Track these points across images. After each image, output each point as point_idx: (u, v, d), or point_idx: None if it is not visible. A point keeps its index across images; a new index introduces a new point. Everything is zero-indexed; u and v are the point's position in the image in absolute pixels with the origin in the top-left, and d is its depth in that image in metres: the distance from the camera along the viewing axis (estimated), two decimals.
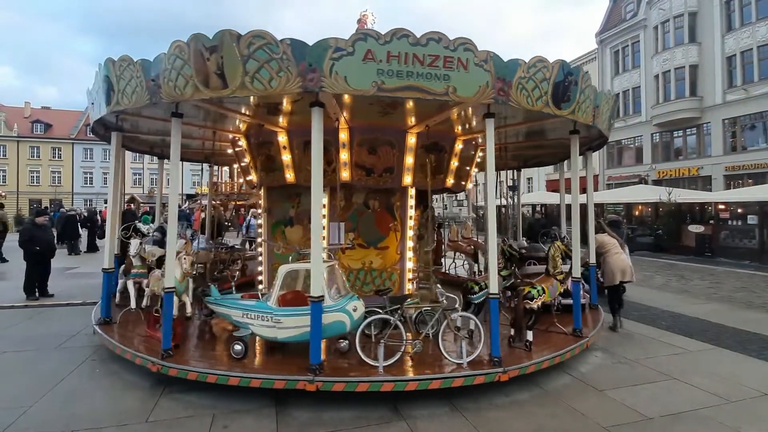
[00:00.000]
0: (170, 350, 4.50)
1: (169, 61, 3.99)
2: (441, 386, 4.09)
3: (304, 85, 3.77)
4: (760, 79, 20.73)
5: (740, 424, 3.77)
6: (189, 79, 3.95)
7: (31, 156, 47.99)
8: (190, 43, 3.85)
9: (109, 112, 4.80)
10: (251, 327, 4.59)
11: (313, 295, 4.10)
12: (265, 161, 6.48)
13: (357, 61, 3.76)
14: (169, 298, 4.55)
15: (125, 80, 4.39)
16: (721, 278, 11.60)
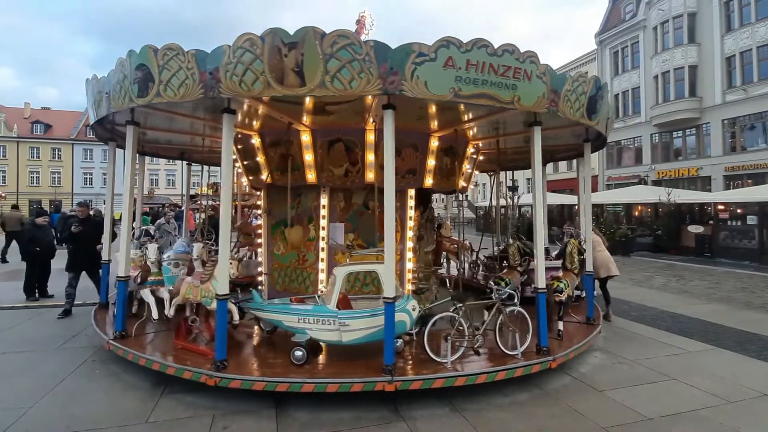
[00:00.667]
0: (225, 361, 4.23)
1: (235, 54, 3.80)
2: (505, 377, 4.35)
3: (384, 88, 3.83)
4: (760, 79, 20.75)
5: (740, 424, 3.77)
6: (260, 75, 3.81)
7: (31, 156, 48.00)
8: (266, 37, 3.75)
9: (144, 103, 4.31)
10: (309, 332, 4.50)
11: (387, 296, 4.17)
12: (281, 160, 6.24)
13: (438, 67, 3.88)
14: (222, 306, 4.29)
15: (170, 71, 4.03)
16: (721, 279, 11.61)
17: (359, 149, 5.89)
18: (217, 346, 4.25)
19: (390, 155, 4.17)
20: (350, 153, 5.92)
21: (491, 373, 4.31)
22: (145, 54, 4.16)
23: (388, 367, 4.13)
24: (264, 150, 6.41)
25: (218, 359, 4.21)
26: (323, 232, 6.32)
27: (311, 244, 6.46)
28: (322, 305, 4.63)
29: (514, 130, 6.17)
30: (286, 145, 6.12)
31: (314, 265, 6.38)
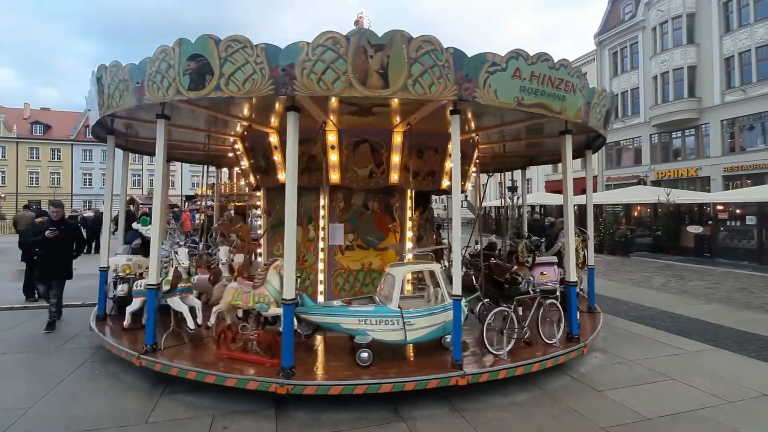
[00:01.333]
0: (293, 368, 4.09)
1: (314, 52, 3.75)
2: (553, 364, 4.72)
3: (459, 94, 3.99)
4: (759, 79, 20.78)
5: (739, 424, 3.78)
6: (341, 74, 3.79)
7: (31, 157, 48.00)
8: (351, 37, 3.75)
9: (196, 96, 4.06)
10: (371, 333, 4.46)
11: (456, 293, 4.36)
12: (300, 160, 6.18)
13: (507, 77, 4.12)
14: (289, 310, 4.15)
15: (234, 64, 3.85)
16: (720, 279, 11.62)
17: (385, 150, 5.99)
18: (285, 353, 4.09)
19: (456, 159, 4.45)
20: (376, 154, 5.98)
21: (543, 361, 4.64)
22: (203, 44, 3.90)
23: (458, 362, 4.30)
24: (282, 149, 6.07)
25: (286, 366, 4.07)
26: (323, 232, 6.32)
27: (311, 245, 6.46)
28: (384, 305, 4.64)
29: (517, 136, 6.35)
30: (306, 145, 5.82)
31: (314, 266, 6.38)
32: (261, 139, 6.32)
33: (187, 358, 4.57)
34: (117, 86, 4.63)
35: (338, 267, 6.42)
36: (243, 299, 4.83)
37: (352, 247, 6.45)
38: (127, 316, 5.46)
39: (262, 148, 6.41)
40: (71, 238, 6.52)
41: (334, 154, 5.94)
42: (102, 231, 7.53)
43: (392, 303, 4.58)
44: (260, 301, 4.71)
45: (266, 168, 6.55)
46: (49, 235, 6.05)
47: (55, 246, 6.16)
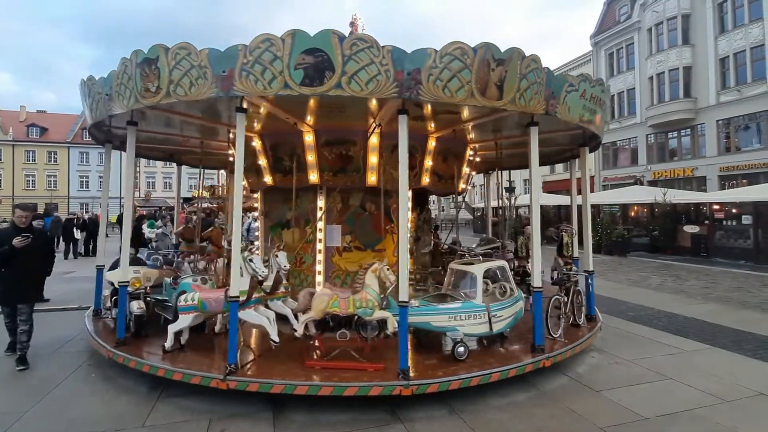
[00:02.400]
0: (408, 370, 4.09)
1: (441, 59, 3.87)
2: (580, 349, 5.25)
3: (546, 108, 4.50)
4: (753, 80, 20.92)
5: (736, 423, 3.78)
6: (465, 84, 3.96)
7: (27, 160, 47.80)
8: (479, 49, 3.96)
9: (311, 93, 3.90)
10: (461, 328, 4.67)
11: (536, 286, 4.90)
12: (335, 161, 6.03)
13: (577, 96, 4.80)
14: (404, 312, 4.16)
15: (359, 63, 3.78)
16: (717, 278, 11.67)
17: (419, 154, 6.30)
18: (402, 354, 4.10)
19: (535, 170, 4.93)
20: (411, 158, 5.93)
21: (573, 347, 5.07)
22: (325, 39, 3.77)
23: (540, 346, 4.75)
24: (317, 149, 6.00)
25: (404, 368, 4.07)
26: (320, 234, 6.31)
27: (308, 246, 6.45)
28: (469, 301, 4.87)
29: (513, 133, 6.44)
30: (342, 145, 5.96)
31: (311, 267, 6.37)
32: (350, 137, 6.00)
33: (279, 374, 4.15)
34: (186, 73, 3.99)
35: (336, 268, 6.41)
36: (341, 305, 4.59)
37: (350, 249, 6.44)
38: (170, 337, 4.68)
39: (346, 147, 6.06)
40: (41, 249, 5.33)
41: (374, 156, 5.98)
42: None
43: (477, 298, 4.89)
44: (363, 306, 4.57)
45: (345, 168, 6.20)
46: (17, 244, 4.78)
47: (23, 259, 4.90)
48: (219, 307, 4.64)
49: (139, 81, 4.16)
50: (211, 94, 3.93)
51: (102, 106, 4.85)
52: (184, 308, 4.69)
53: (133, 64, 4.21)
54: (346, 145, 5.96)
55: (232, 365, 4.13)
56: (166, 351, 4.66)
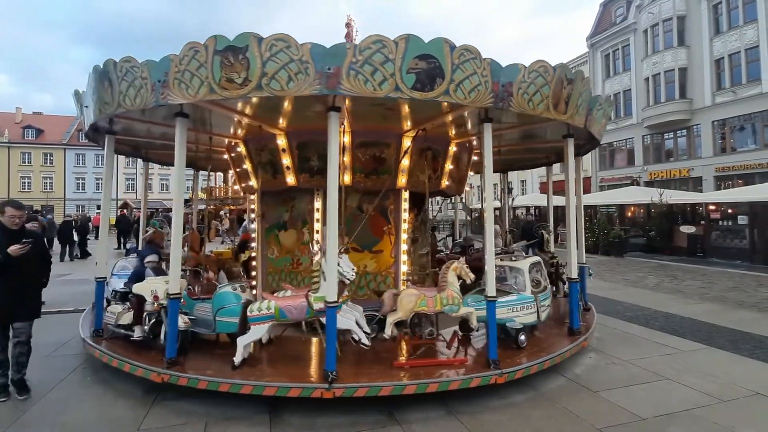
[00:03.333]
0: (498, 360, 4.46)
1: (529, 75, 4.23)
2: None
3: (585, 123, 5.17)
4: (748, 81, 21.04)
5: (734, 423, 3.79)
6: (545, 98, 4.42)
7: (23, 162, 47.56)
8: (557, 69, 4.42)
9: (422, 98, 3.94)
10: (517, 319, 5.11)
11: (572, 277, 5.66)
12: (368, 163, 6.07)
13: (601, 114, 5.77)
14: (492, 306, 4.56)
15: (464, 72, 3.95)
16: (713, 278, 11.72)
17: (441, 158, 6.62)
18: (491, 346, 4.48)
19: (571, 179, 5.82)
20: (435, 161, 6.55)
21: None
22: (438, 46, 3.85)
23: (577, 329, 5.44)
24: (352, 151, 6.03)
25: (493, 359, 4.43)
26: (317, 235, 6.29)
27: (305, 248, 6.43)
28: (522, 293, 5.34)
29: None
30: (378, 147, 6.05)
31: (308, 269, 6.34)
32: (385, 139, 6.06)
33: (375, 376, 4.19)
34: (284, 67, 3.77)
35: None
36: (429, 304, 4.71)
37: (347, 250, 6.42)
38: (240, 351, 4.32)
39: (381, 149, 6.11)
40: (38, 256, 4.45)
41: (407, 159, 6.13)
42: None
43: (526, 290, 5.32)
44: (449, 303, 4.78)
45: (380, 169, 6.26)
46: (15, 253, 4.01)
47: (19, 269, 4.11)
48: (301, 314, 4.43)
49: (218, 70, 3.76)
50: (314, 91, 3.77)
51: (147, 94, 4.14)
52: (257, 318, 4.35)
53: (209, 51, 3.76)
54: (380, 148, 6.04)
55: (333, 372, 4.00)
56: (236, 367, 4.26)
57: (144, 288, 4.84)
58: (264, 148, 6.19)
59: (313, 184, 6.08)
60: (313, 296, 4.37)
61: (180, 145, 4.46)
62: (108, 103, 4.50)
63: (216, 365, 4.39)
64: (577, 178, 7.00)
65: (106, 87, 4.45)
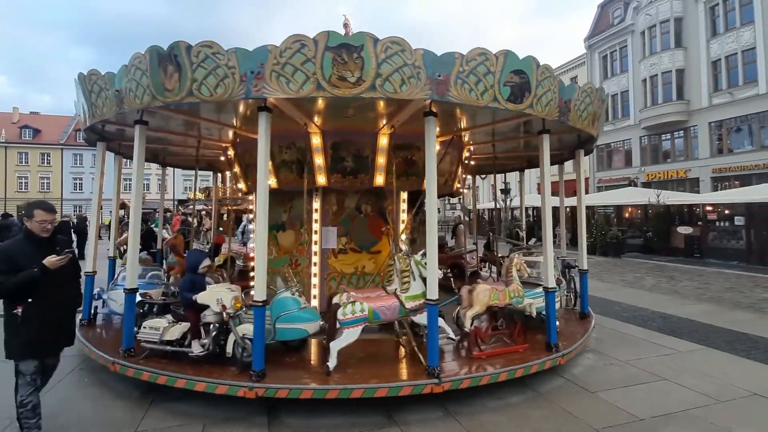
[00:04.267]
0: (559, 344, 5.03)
1: (581, 95, 4.93)
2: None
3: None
4: (745, 82, 21.12)
5: (730, 423, 3.80)
6: (594, 115, 5.28)
7: (20, 162, 47.33)
8: (599, 90, 5.29)
9: (517, 110, 4.26)
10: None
11: (583, 268, 6.38)
12: (401, 165, 6.16)
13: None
14: (551, 297, 5.09)
15: (544, 88, 4.38)
16: (710, 279, 11.76)
17: (453, 158, 6.72)
18: (551, 332, 4.94)
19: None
20: (447, 165, 6.78)
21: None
22: (528, 63, 4.19)
23: (587, 313, 6.40)
24: (389, 153, 6.08)
25: (554, 342, 4.91)
26: (316, 236, 6.29)
27: (303, 249, 6.43)
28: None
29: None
30: (407, 150, 6.21)
31: (306, 269, 6.34)
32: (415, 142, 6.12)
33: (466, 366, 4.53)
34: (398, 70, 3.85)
35: (331, 270, 6.40)
36: (500, 297, 5.18)
37: (345, 251, 6.43)
38: (334, 356, 4.18)
39: (411, 151, 6.31)
40: (72, 268, 3.59)
41: (447, 163, 6.64)
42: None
43: (550, 283, 5.33)
44: (516, 296, 5.30)
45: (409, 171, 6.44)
46: (53, 265, 3.23)
47: (55, 286, 3.33)
48: (394, 314, 4.51)
49: (330, 67, 3.70)
50: (424, 95, 3.89)
51: (234, 85, 3.84)
52: (352, 321, 4.27)
53: (318, 46, 3.68)
54: (411, 150, 6.22)
55: (436, 368, 4.12)
56: (330, 372, 4.15)
57: (209, 297, 4.46)
58: (291, 147, 6.12)
59: (345, 185, 6.20)
60: (404, 296, 4.51)
61: (264, 141, 4.14)
62: (170, 90, 3.96)
63: (297, 373, 4.27)
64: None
65: (169, 72, 3.89)
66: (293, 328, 4.53)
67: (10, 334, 3.30)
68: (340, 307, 4.36)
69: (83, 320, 5.85)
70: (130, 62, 4.15)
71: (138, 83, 4.11)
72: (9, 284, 3.17)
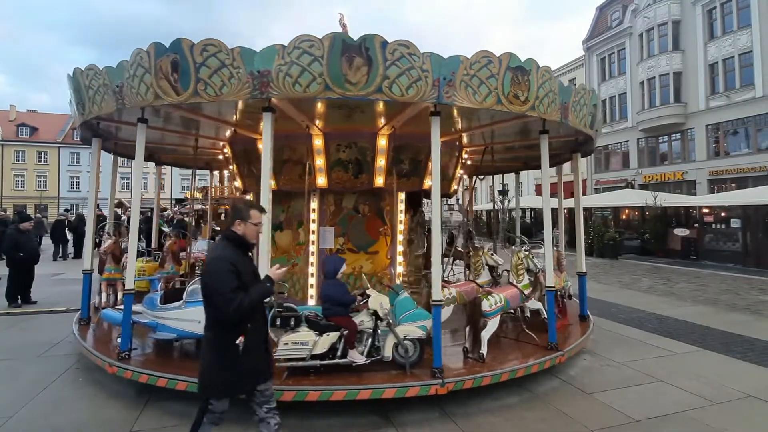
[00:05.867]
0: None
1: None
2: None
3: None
4: (742, 85, 21.23)
5: (726, 425, 3.81)
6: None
7: (16, 160, 47.15)
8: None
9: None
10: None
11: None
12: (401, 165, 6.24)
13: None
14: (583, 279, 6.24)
15: (545, 91, 4.50)
16: (707, 281, 11.80)
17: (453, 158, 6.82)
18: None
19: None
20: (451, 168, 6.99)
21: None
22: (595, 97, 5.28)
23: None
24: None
25: (553, 341, 5.01)
26: (313, 236, 6.28)
27: (301, 249, 6.42)
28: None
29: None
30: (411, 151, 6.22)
31: (304, 270, 6.33)
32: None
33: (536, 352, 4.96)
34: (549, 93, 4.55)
35: None
36: (559, 282, 5.88)
37: (343, 251, 6.42)
38: (486, 344, 4.59)
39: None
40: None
41: (453, 167, 6.98)
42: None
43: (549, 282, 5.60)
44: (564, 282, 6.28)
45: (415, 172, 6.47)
46: (278, 277, 2.84)
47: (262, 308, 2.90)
48: (517, 302, 5.38)
49: (509, 84, 4.17)
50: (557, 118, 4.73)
51: (426, 88, 3.91)
52: (495, 311, 4.77)
53: (502, 65, 4.10)
54: (411, 151, 6.25)
55: (554, 343, 4.95)
56: (483, 359, 4.57)
57: (375, 303, 4.41)
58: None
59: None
60: (520, 285, 5.45)
61: (435, 141, 4.31)
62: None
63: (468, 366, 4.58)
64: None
65: (356, 65, 3.75)
66: (421, 325, 4.53)
67: (221, 368, 2.66)
68: (483, 300, 4.74)
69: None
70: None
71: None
72: (247, 303, 2.57)
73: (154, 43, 3.95)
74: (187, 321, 4.46)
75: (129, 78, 4.15)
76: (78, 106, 5.01)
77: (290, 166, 6.11)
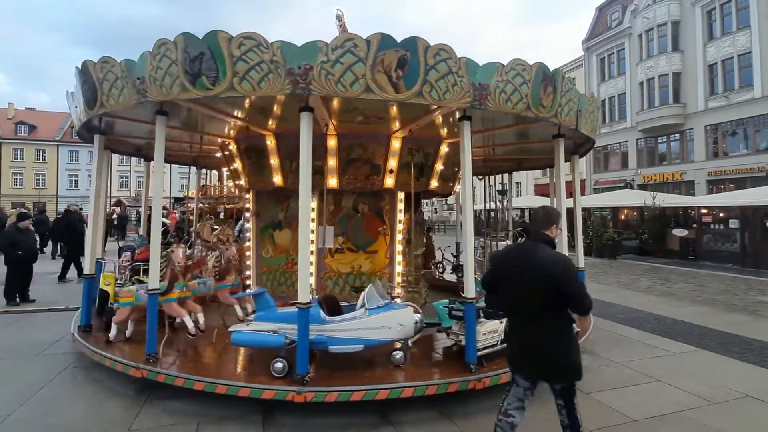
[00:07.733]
0: None
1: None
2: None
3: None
4: (741, 86, 21.28)
5: (724, 425, 3.82)
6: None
7: (15, 158, 47.01)
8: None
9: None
10: None
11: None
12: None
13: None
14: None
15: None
16: (705, 281, 11.83)
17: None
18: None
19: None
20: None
21: None
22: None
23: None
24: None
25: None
26: (312, 235, 6.27)
27: None
28: None
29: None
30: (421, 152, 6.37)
31: None
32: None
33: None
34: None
35: (328, 270, 6.39)
36: None
37: (342, 250, 6.42)
38: None
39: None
40: None
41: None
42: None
43: None
44: None
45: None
46: None
47: None
48: None
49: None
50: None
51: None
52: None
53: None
54: (424, 152, 6.39)
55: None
56: None
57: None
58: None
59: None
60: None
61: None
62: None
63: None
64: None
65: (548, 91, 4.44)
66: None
67: (577, 350, 3.12)
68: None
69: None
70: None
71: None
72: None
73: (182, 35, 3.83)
74: (375, 329, 4.29)
75: (152, 70, 3.94)
76: (87, 102, 4.73)
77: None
